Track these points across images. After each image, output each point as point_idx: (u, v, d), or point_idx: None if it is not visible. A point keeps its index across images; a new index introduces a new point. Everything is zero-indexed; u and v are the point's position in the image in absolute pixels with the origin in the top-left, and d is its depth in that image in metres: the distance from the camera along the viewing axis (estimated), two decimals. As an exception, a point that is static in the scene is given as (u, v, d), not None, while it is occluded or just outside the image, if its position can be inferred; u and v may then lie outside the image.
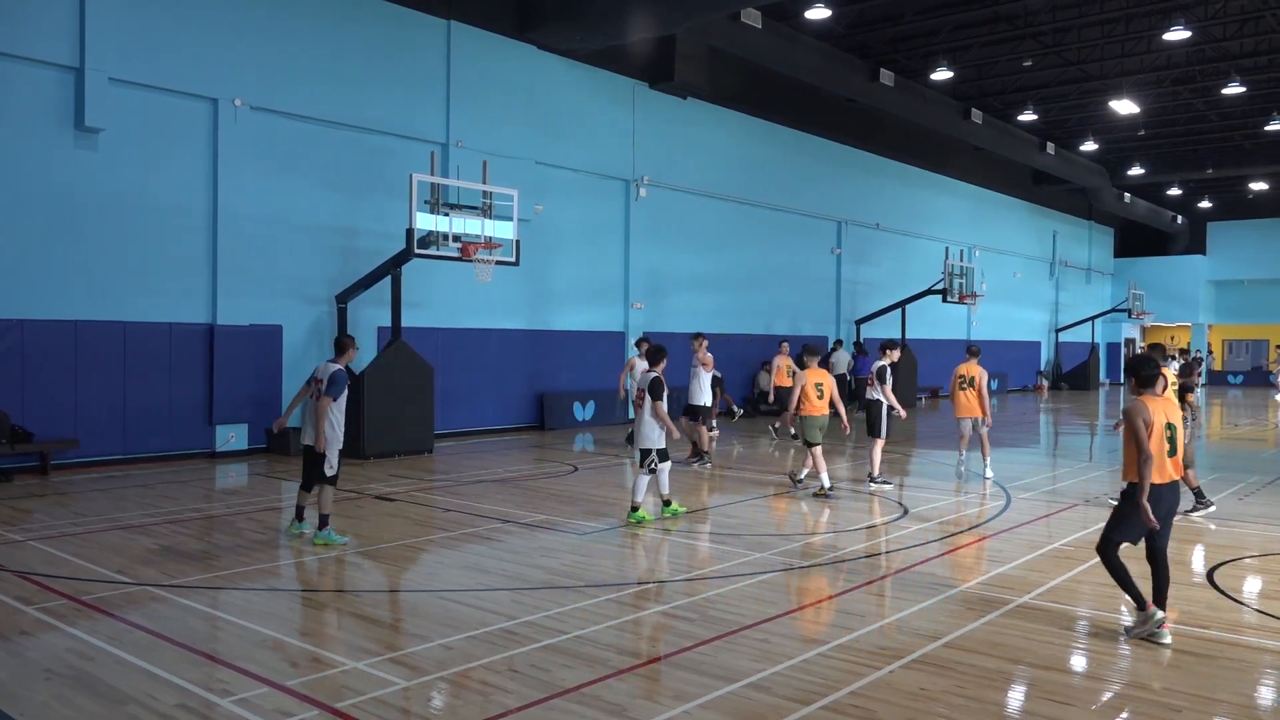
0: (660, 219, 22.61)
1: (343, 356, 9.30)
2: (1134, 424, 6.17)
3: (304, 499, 9.37)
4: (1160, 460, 6.20)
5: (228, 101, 14.99)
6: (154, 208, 14.40)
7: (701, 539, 9.63)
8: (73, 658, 5.80)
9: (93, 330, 13.79)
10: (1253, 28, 23.83)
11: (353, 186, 16.75)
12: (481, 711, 5.03)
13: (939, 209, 33.36)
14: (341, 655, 5.88)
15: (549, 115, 19.78)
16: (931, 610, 6.93)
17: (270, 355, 15.68)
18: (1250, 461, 16.62)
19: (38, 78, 13.24)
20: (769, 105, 25.44)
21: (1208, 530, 10.17)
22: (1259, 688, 5.61)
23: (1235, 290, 47.60)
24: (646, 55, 21.46)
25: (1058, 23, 23.69)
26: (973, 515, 10.85)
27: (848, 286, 29.13)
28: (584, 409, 20.85)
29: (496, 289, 17.80)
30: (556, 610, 6.83)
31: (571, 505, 11.39)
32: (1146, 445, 6.11)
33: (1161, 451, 6.21)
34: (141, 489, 12.14)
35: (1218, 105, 31.20)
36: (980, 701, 5.22)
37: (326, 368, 9.10)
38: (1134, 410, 6.24)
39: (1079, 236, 44.73)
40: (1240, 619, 6.93)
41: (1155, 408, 6.26)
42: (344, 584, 7.86)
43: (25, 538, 9.15)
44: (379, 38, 16.96)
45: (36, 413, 13.21)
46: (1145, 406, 6.24)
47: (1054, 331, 42.06)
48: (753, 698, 5.25)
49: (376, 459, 14.93)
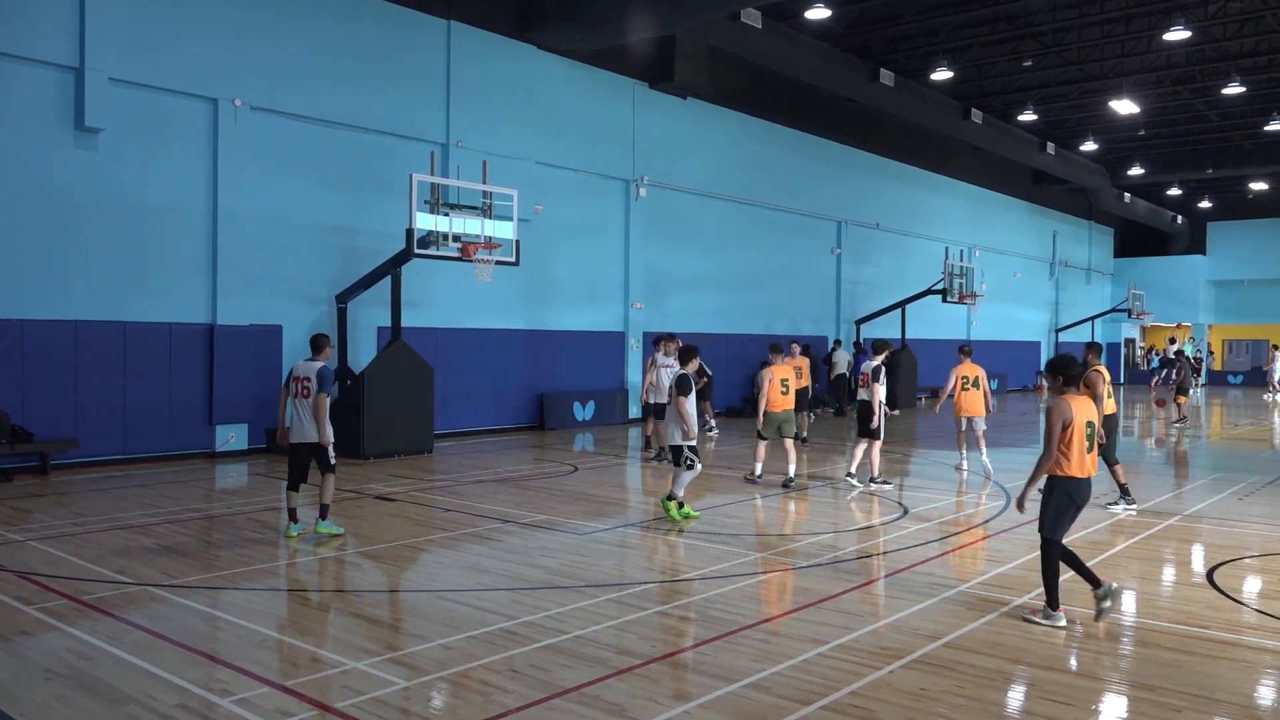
0: (660, 219, 22.61)
1: (320, 355, 9.46)
2: (1051, 422, 6.49)
3: (294, 500, 9.42)
4: (1080, 457, 6.51)
5: (228, 101, 14.99)
6: (154, 208, 14.40)
7: (701, 539, 9.63)
8: (73, 658, 5.80)
9: (93, 330, 13.79)
10: (1253, 28, 23.83)
11: (353, 186, 16.75)
12: (481, 711, 5.03)
13: (939, 209, 33.36)
14: (341, 655, 5.88)
15: (549, 115, 19.78)
16: (931, 610, 6.93)
17: (270, 355, 15.67)
18: (1250, 461, 16.62)
19: (38, 78, 13.24)
20: (769, 105, 25.44)
21: (1207, 530, 10.17)
22: (1259, 688, 5.61)
23: (1235, 290, 47.59)
24: (646, 55, 21.46)
25: (1058, 23, 23.69)
26: (972, 515, 10.84)
27: (848, 286, 29.13)
28: (584, 409, 20.84)
29: (496, 289, 17.80)
30: (556, 610, 6.83)
31: (571, 505, 11.39)
32: (1055, 443, 6.47)
33: (1081, 448, 6.50)
34: (141, 489, 12.14)
35: (1218, 105, 31.20)
36: (980, 701, 5.22)
37: (309, 366, 9.28)
38: (1055, 409, 6.52)
39: (1079, 236, 44.73)
40: (1240, 619, 6.93)
41: (1077, 407, 6.52)
42: (344, 584, 7.87)
43: (25, 538, 9.16)
44: (379, 38, 16.96)
45: (36, 413, 13.21)
46: (1068, 405, 6.51)
47: (1054, 331, 42.06)
48: (753, 698, 5.25)
49: (376, 459, 14.93)
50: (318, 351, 9.47)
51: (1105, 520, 10.52)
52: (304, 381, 9.17)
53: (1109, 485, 11.18)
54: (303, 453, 9.27)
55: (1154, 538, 9.64)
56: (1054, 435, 6.46)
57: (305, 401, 9.17)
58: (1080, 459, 6.51)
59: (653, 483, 13.34)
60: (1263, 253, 45.40)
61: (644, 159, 22.06)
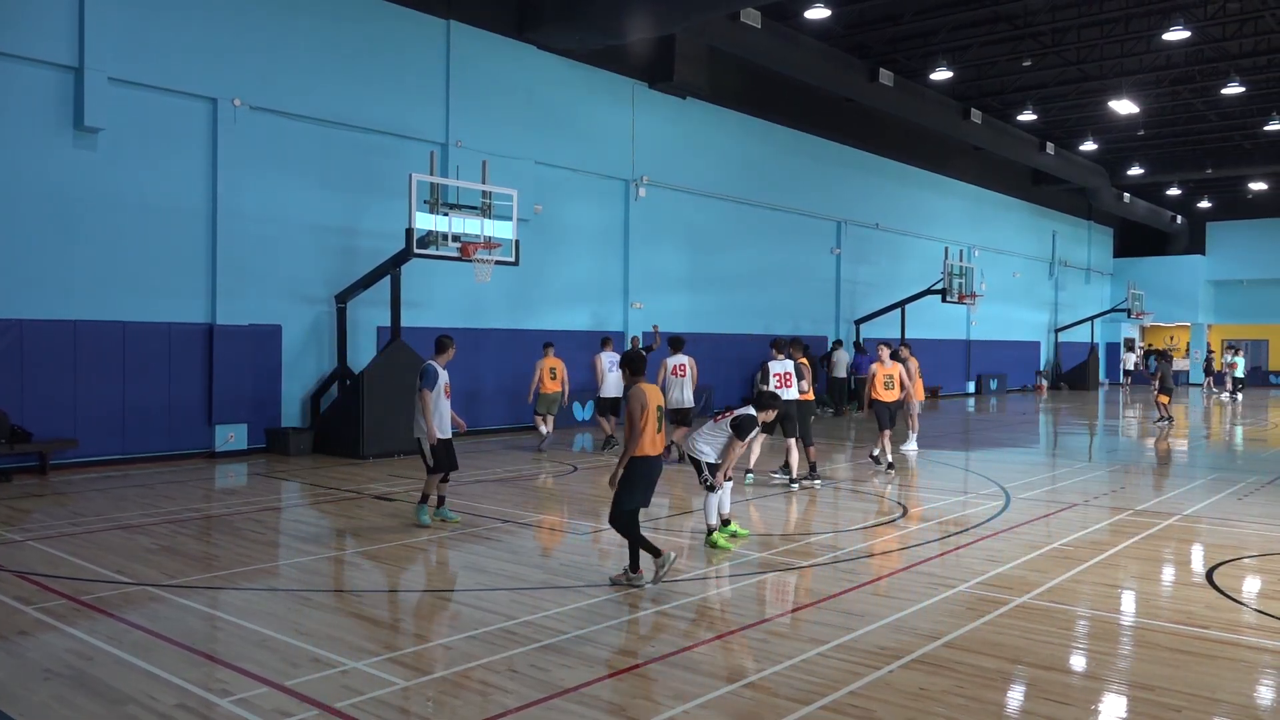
0: (660, 219, 22.61)
1: (441, 355, 10.14)
2: (631, 407, 7.38)
3: (431, 486, 10.01)
4: (651, 436, 7.43)
5: (227, 101, 14.99)
6: (153, 207, 14.39)
7: (699, 539, 9.61)
8: (72, 658, 5.79)
9: (92, 330, 13.78)
10: (1252, 28, 23.83)
11: (352, 186, 16.74)
12: (481, 711, 5.02)
13: (938, 209, 33.36)
14: (341, 655, 5.88)
15: (548, 115, 19.78)
16: (931, 610, 6.93)
17: (269, 355, 15.67)
18: (1249, 461, 16.62)
19: (37, 78, 13.23)
20: (768, 105, 25.44)
21: (1207, 530, 10.17)
22: (1259, 687, 5.60)
23: (1234, 290, 47.61)
24: (646, 55, 21.46)
25: (1057, 23, 23.69)
26: (972, 515, 10.84)
27: (847, 286, 29.13)
28: (584, 409, 20.84)
29: (496, 289, 17.80)
30: (556, 610, 6.83)
31: (571, 505, 11.38)
32: (639, 424, 7.34)
33: (652, 429, 7.41)
34: (141, 489, 12.13)
35: (1217, 105, 31.21)
36: (980, 701, 5.22)
37: (423, 364, 10.09)
38: (633, 396, 7.41)
39: (1078, 236, 44.73)
40: (1240, 619, 6.93)
41: (650, 394, 7.46)
42: (343, 584, 7.86)
43: (24, 538, 9.15)
44: (378, 37, 16.95)
45: (35, 412, 13.20)
46: (642, 392, 7.43)
47: (1053, 331, 42.06)
48: (752, 697, 5.24)
49: (376, 459, 14.93)
50: (440, 352, 10.17)
51: (1105, 520, 10.53)
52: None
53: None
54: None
55: (1153, 538, 9.64)
56: (635, 418, 7.34)
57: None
58: (652, 438, 7.42)
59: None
60: (1262, 253, 45.41)
61: (643, 159, 22.06)
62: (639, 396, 7.38)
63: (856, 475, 14.02)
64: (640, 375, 7.59)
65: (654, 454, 7.47)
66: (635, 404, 7.36)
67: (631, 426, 7.36)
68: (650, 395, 7.45)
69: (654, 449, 7.47)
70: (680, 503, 11.40)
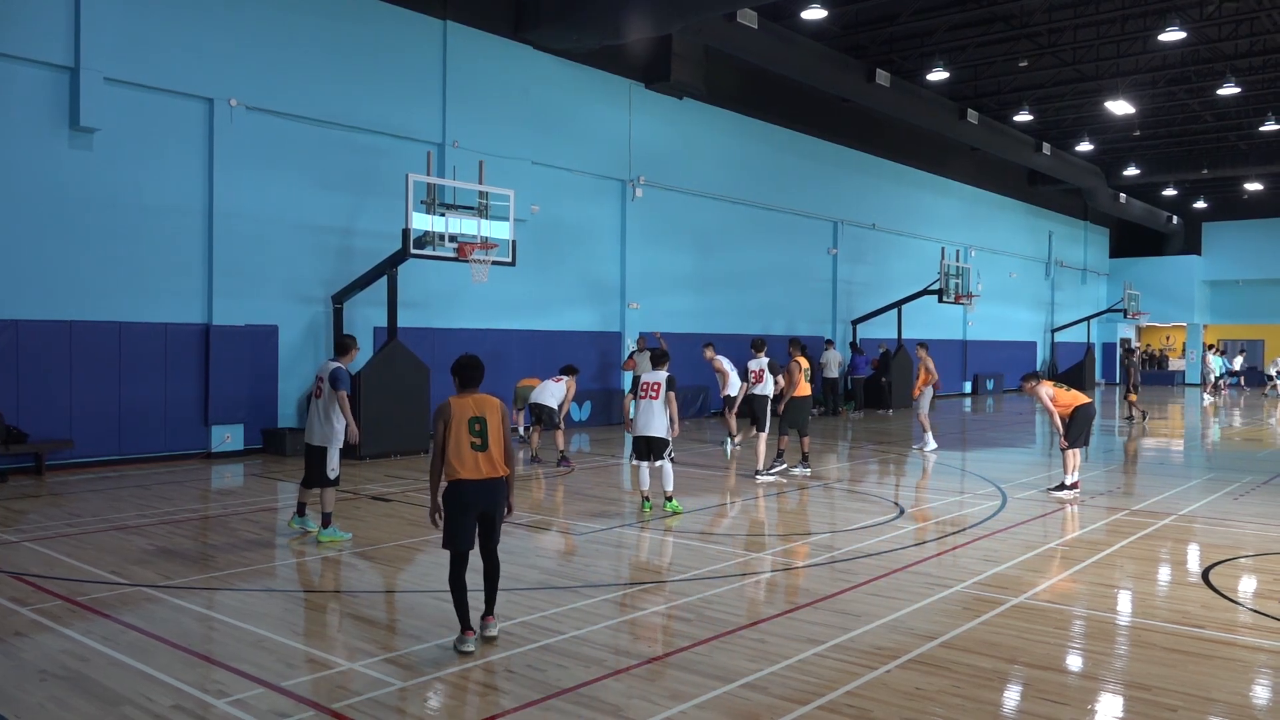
0: (656, 219, 22.61)
1: (345, 357, 9.44)
2: (435, 424, 6.19)
3: (305, 495, 9.42)
4: (464, 456, 6.12)
5: (223, 101, 14.96)
6: (149, 207, 14.37)
7: (697, 539, 9.62)
8: (68, 659, 5.78)
9: (88, 330, 13.75)
10: (1248, 28, 23.88)
11: (349, 186, 16.72)
12: (478, 712, 5.02)
13: (935, 209, 33.38)
14: (337, 656, 5.87)
15: (545, 115, 19.77)
16: (927, 610, 6.93)
17: (266, 355, 15.65)
18: (1246, 461, 16.65)
19: (32, 77, 13.20)
20: (765, 105, 25.45)
21: (1203, 530, 10.18)
22: (1254, 687, 5.61)
23: (1231, 290, 47.67)
24: (642, 55, 21.45)
25: (1053, 23, 23.72)
26: (969, 515, 10.85)
27: (844, 286, 29.14)
28: (580, 409, 20.83)
29: (493, 289, 17.78)
30: (553, 610, 6.83)
31: (569, 505, 11.38)
32: (441, 443, 6.12)
33: (465, 447, 6.12)
34: (137, 489, 12.11)
35: (1213, 106, 31.25)
36: (976, 701, 5.22)
37: (326, 366, 9.25)
38: (438, 411, 6.23)
39: (1074, 237, 44.78)
40: (1236, 618, 6.94)
41: (462, 405, 6.20)
42: (340, 584, 7.85)
43: (20, 539, 9.13)
44: (375, 38, 16.93)
45: (31, 413, 13.18)
46: (449, 407, 6.20)
47: (1050, 331, 42.10)
48: (749, 698, 5.25)
49: (372, 459, 14.91)
50: (342, 353, 9.48)
51: (1101, 520, 10.55)
52: (320, 381, 9.25)
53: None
54: (313, 453, 9.26)
55: (1149, 537, 9.66)
56: (437, 436, 6.17)
57: (317, 402, 9.24)
58: (465, 458, 6.13)
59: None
60: (1258, 253, 45.47)
61: (640, 159, 22.06)
62: (443, 412, 6.22)
63: (854, 475, 14.03)
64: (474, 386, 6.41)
65: (472, 478, 6.13)
66: (438, 420, 6.24)
67: (438, 446, 6.21)
68: (462, 408, 6.23)
69: (474, 472, 6.13)
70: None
